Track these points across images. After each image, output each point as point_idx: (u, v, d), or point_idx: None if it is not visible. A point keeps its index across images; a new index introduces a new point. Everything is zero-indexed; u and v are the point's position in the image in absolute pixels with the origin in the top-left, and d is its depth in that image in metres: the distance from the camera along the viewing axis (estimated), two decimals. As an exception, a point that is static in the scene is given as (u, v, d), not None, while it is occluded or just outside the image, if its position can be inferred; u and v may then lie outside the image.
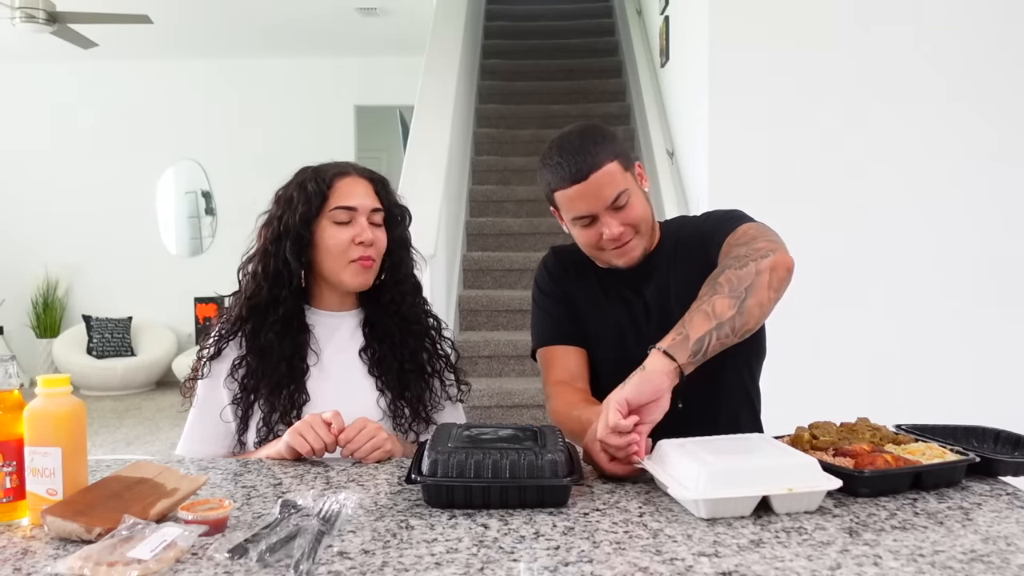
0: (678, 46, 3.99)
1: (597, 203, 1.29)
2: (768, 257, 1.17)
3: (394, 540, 0.85)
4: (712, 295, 1.14)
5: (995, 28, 3.10)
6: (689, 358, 1.08)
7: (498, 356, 3.66)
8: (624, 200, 1.30)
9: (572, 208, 1.31)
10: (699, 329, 1.10)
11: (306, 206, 1.34)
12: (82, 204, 7.16)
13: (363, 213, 1.36)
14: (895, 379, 3.08)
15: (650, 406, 1.05)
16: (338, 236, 1.34)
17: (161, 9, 5.65)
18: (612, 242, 1.32)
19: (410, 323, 1.43)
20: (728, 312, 1.11)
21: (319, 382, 1.36)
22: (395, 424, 1.37)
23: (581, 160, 1.27)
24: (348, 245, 1.34)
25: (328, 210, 1.35)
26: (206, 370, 1.37)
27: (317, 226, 1.35)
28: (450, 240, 3.82)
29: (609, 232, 1.30)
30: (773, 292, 1.16)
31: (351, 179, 1.39)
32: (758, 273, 1.15)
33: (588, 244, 1.36)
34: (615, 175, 1.29)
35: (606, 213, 1.29)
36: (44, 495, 0.91)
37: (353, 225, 1.35)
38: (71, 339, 6.79)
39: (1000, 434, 1.17)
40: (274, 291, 1.35)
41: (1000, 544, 0.82)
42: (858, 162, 3.11)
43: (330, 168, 1.40)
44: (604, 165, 1.28)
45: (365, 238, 1.34)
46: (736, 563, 0.78)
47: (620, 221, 1.30)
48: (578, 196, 1.29)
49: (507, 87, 5.61)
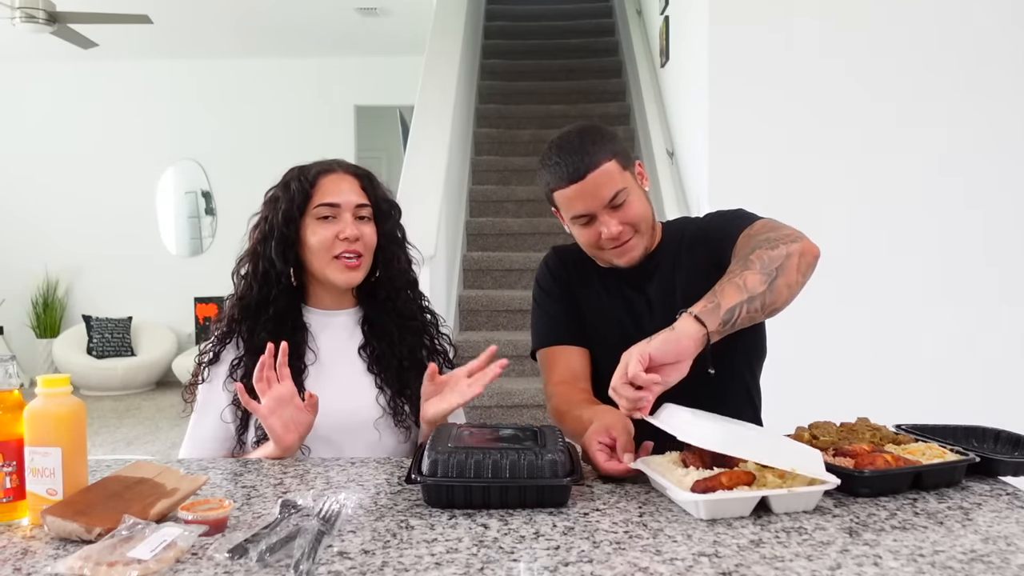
0: (678, 46, 3.99)
1: (595, 202, 1.29)
2: (798, 243, 1.18)
3: (394, 540, 0.85)
4: (743, 270, 1.14)
5: (997, 24, 3.09)
6: (719, 326, 1.08)
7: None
8: (622, 199, 1.30)
9: (571, 208, 1.31)
10: (731, 299, 1.10)
11: (289, 204, 1.35)
12: (82, 204, 7.16)
13: (347, 209, 1.36)
14: (895, 379, 3.08)
15: (670, 367, 1.05)
16: (321, 233, 1.34)
17: (161, 9, 5.65)
18: (611, 241, 1.32)
19: (406, 318, 1.43)
20: (759, 288, 1.12)
21: (317, 380, 1.36)
22: (395, 421, 1.37)
23: (579, 160, 1.28)
24: (332, 241, 1.34)
25: (312, 207, 1.35)
26: (206, 374, 1.37)
27: (302, 224, 1.36)
28: (450, 240, 3.82)
29: (608, 231, 1.30)
30: (801, 276, 1.16)
31: (335, 176, 1.38)
32: (788, 256, 1.15)
33: (588, 243, 1.36)
34: (613, 174, 1.29)
35: (604, 212, 1.30)
36: (44, 495, 0.91)
37: (337, 221, 1.35)
38: (71, 339, 6.80)
39: (1000, 434, 1.17)
40: (264, 291, 1.35)
41: (1000, 544, 0.82)
42: (858, 162, 3.11)
43: (314, 166, 1.40)
44: (602, 164, 1.28)
45: (349, 234, 1.34)
46: (736, 563, 0.78)
47: (619, 220, 1.30)
48: (576, 196, 1.29)
49: (507, 87, 5.61)
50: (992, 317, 3.10)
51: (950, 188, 3.11)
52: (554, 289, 1.47)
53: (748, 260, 1.15)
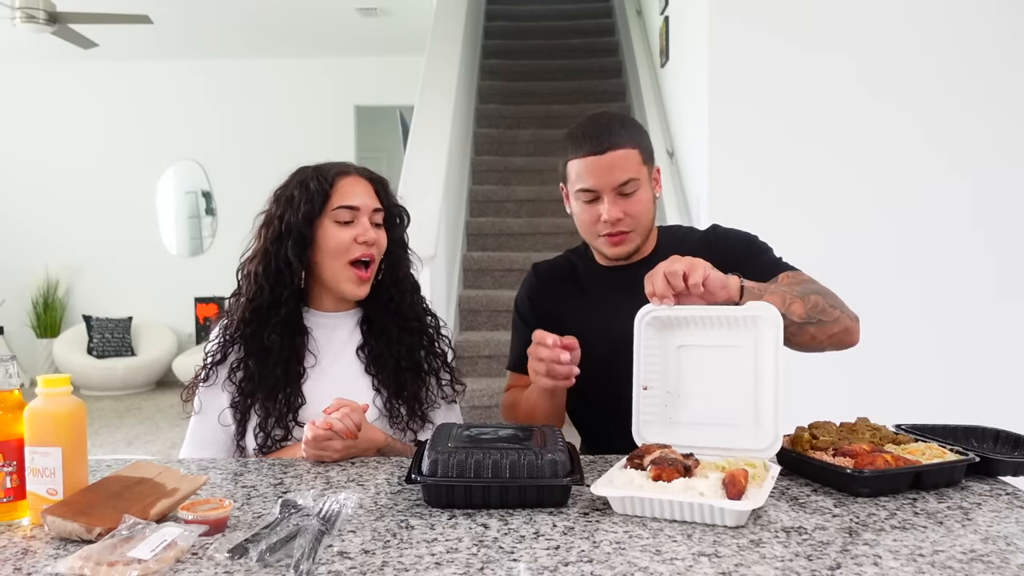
0: (678, 46, 3.99)
1: (606, 181, 1.30)
2: (853, 323, 1.26)
3: (394, 540, 0.85)
4: (797, 297, 1.18)
5: (998, 25, 3.09)
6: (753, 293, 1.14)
7: (498, 356, 3.66)
8: (632, 189, 1.31)
9: (581, 180, 1.32)
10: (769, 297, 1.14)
11: (309, 205, 1.33)
12: (82, 204, 7.16)
13: (365, 213, 1.36)
14: (895, 379, 3.07)
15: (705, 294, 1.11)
16: (340, 236, 1.34)
17: (161, 9, 5.65)
18: (607, 225, 1.32)
19: (409, 320, 1.43)
20: (795, 318, 1.16)
21: (315, 384, 1.36)
22: (391, 422, 1.37)
23: (605, 136, 1.30)
24: (350, 244, 1.34)
25: (331, 209, 1.34)
26: (211, 375, 1.37)
27: (319, 225, 1.35)
28: (450, 240, 3.82)
29: (608, 214, 1.31)
30: (828, 344, 1.23)
31: (352, 179, 1.38)
32: (836, 321, 1.22)
33: (585, 224, 1.36)
34: (632, 161, 1.31)
35: (611, 194, 1.31)
36: (44, 495, 0.91)
37: (355, 225, 1.35)
38: (71, 339, 6.80)
39: (1000, 434, 1.17)
40: (276, 292, 1.34)
41: (1000, 544, 0.82)
42: (858, 162, 3.11)
43: (331, 167, 1.39)
44: (624, 148, 1.30)
45: (368, 237, 1.34)
46: (736, 563, 0.78)
47: (622, 208, 1.31)
48: (590, 169, 1.30)
49: (507, 87, 5.61)
50: (993, 317, 3.10)
51: (953, 186, 3.10)
52: (530, 317, 1.49)
53: (807, 296, 1.20)
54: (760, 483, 0.94)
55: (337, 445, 1.18)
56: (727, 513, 0.87)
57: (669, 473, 0.95)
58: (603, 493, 0.92)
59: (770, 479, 0.95)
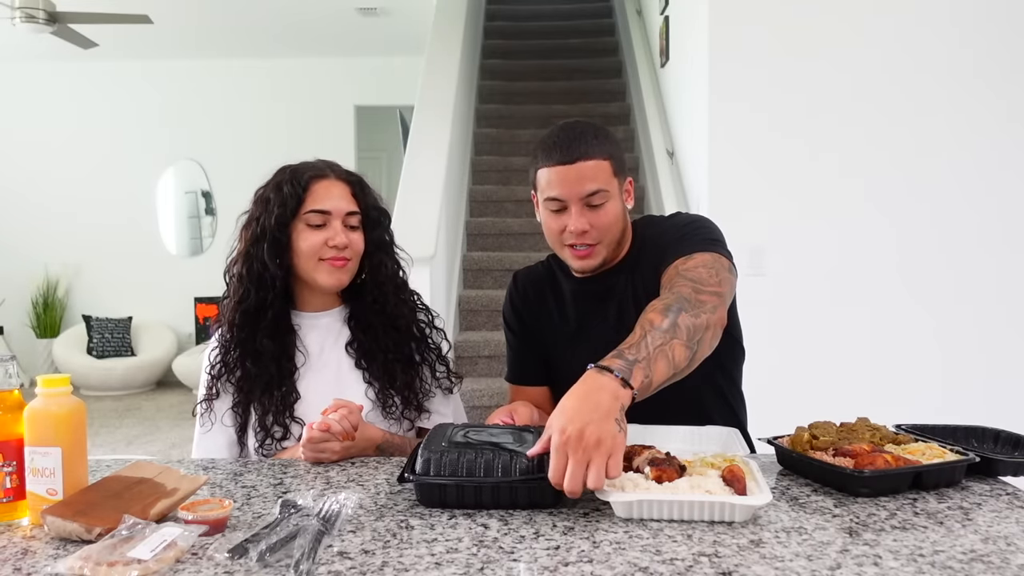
0: (678, 46, 3.99)
1: (573, 191, 1.27)
2: (716, 313, 1.14)
3: (394, 540, 0.85)
4: (672, 339, 1.07)
5: (994, 29, 3.09)
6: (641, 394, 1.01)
7: (498, 356, 3.66)
8: (600, 200, 1.28)
9: (549, 188, 1.30)
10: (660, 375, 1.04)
11: (281, 208, 1.34)
12: (82, 204, 7.16)
13: (337, 217, 1.36)
14: (895, 379, 3.08)
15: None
16: (311, 239, 1.34)
17: (161, 9, 5.65)
18: (573, 236, 1.29)
19: (395, 319, 1.43)
20: (682, 363, 1.07)
21: (309, 380, 1.38)
22: (385, 413, 1.38)
23: (576, 146, 1.27)
24: (321, 247, 1.34)
25: (303, 213, 1.35)
26: (220, 388, 1.38)
27: (293, 228, 1.35)
28: (450, 240, 3.82)
29: (573, 224, 1.28)
30: (707, 351, 1.13)
31: (328, 182, 1.38)
32: (707, 327, 1.12)
33: (552, 233, 1.34)
34: (602, 172, 1.28)
35: (578, 205, 1.28)
36: (44, 495, 0.91)
37: (327, 228, 1.35)
38: (71, 339, 6.80)
39: (1000, 434, 1.17)
40: (260, 294, 1.35)
41: (1000, 544, 0.82)
42: (857, 162, 3.11)
43: (307, 169, 1.39)
44: (595, 158, 1.27)
45: (338, 242, 1.34)
46: (736, 563, 0.78)
47: (588, 219, 1.28)
48: (558, 178, 1.28)
49: (507, 87, 5.60)
50: (992, 317, 3.10)
51: (953, 186, 3.11)
52: (515, 325, 1.50)
53: (677, 327, 1.08)
54: (753, 477, 0.95)
55: (335, 447, 1.18)
56: (742, 509, 0.88)
57: (670, 474, 0.95)
58: (613, 499, 0.90)
59: (757, 471, 0.96)
